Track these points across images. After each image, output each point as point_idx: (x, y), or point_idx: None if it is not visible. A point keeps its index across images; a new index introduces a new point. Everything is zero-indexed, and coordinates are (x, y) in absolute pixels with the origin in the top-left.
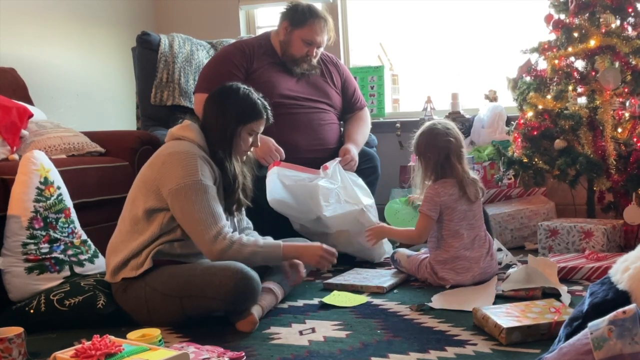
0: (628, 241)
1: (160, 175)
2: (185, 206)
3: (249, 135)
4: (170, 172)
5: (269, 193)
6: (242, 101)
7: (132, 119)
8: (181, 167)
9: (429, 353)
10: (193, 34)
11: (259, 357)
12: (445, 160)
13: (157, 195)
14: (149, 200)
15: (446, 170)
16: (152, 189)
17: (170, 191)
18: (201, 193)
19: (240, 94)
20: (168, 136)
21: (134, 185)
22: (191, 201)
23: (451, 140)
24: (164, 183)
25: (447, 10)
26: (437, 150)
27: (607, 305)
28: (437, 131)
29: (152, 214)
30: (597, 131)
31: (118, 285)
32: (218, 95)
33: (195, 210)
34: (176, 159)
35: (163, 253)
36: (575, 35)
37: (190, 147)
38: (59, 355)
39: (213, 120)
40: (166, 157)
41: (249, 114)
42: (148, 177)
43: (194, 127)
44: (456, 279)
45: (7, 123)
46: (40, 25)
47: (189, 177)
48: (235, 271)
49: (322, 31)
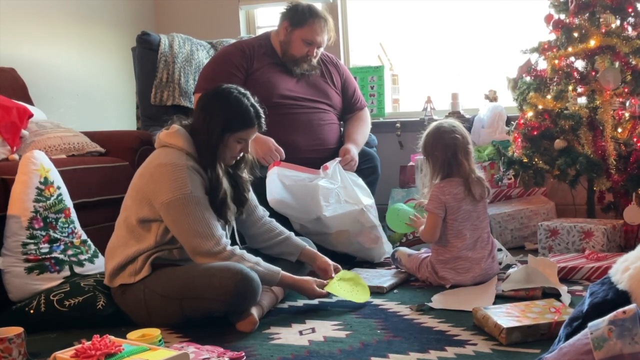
0: (628, 241)
1: (150, 187)
2: (178, 220)
3: (237, 143)
4: (159, 185)
5: (269, 193)
6: (232, 108)
7: (132, 119)
8: (170, 180)
9: (429, 353)
10: (193, 34)
11: (259, 357)
12: (453, 157)
13: (150, 207)
14: (141, 211)
15: (453, 168)
16: (145, 201)
17: (161, 205)
18: (192, 205)
19: (230, 100)
20: (157, 142)
21: (128, 192)
22: (184, 214)
23: (457, 137)
24: (155, 196)
25: (447, 10)
26: (443, 148)
27: (607, 305)
28: (444, 129)
29: (146, 223)
30: (597, 131)
31: (116, 288)
32: (207, 99)
33: (190, 223)
34: (165, 172)
35: (162, 259)
36: (575, 35)
37: (177, 157)
38: (59, 355)
39: (199, 124)
40: (154, 169)
41: (237, 122)
42: (140, 188)
43: (182, 132)
44: (456, 279)
45: (7, 123)
46: (40, 25)
47: (179, 191)
48: (235, 272)
49: (322, 31)
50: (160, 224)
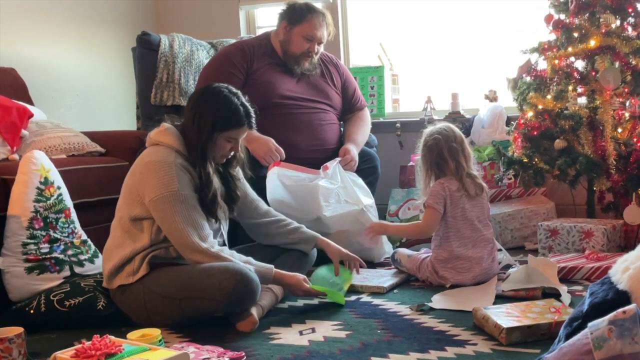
0: (628, 241)
1: (140, 185)
2: (165, 217)
3: (227, 142)
4: (147, 183)
5: (269, 193)
6: (220, 107)
7: (132, 119)
8: (158, 177)
9: (429, 353)
10: (193, 34)
11: (259, 357)
12: (439, 157)
13: (141, 205)
14: (134, 209)
15: (442, 167)
16: (136, 199)
17: (150, 202)
18: (179, 203)
19: (219, 99)
20: (147, 141)
21: (121, 192)
22: (171, 212)
23: (438, 137)
24: (144, 193)
25: (447, 10)
26: (428, 150)
27: (607, 305)
28: (427, 132)
29: (139, 221)
30: (597, 131)
31: (116, 289)
32: (197, 98)
33: (176, 221)
34: (152, 169)
35: (159, 257)
36: (575, 35)
37: (166, 155)
38: (59, 355)
39: (189, 123)
40: (143, 167)
41: (226, 121)
42: (131, 186)
43: (172, 130)
44: (457, 279)
45: (7, 123)
46: (40, 25)
47: (166, 188)
48: (234, 273)
49: (322, 25)
50: (153, 222)
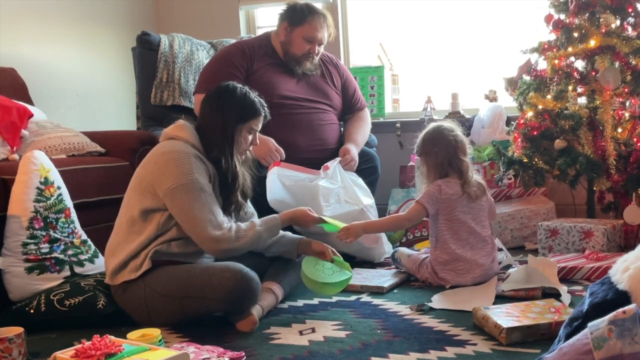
0: (628, 241)
1: (154, 175)
2: (184, 205)
3: (248, 134)
4: (165, 172)
5: (269, 193)
6: (241, 100)
7: (132, 119)
8: (176, 166)
9: (429, 353)
10: (193, 34)
11: (259, 357)
12: (454, 155)
13: (153, 196)
14: (145, 201)
15: (453, 166)
16: (148, 190)
17: (166, 191)
18: (197, 191)
19: (237, 93)
20: (162, 136)
21: (130, 186)
22: (189, 200)
23: (459, 136)
24: (159, 183)
25: (447, 10)
26: (445, 146)
27: (607, 305)
28: (444, 128)
29: (149, 214)
30: (597, 131)
31: (117, 286)
32: (216, 95)
33: (195, 209)
34: (170, 159)
35: (161, 253)
36: (575, 35)
37: (183, 146)
38: (59, 355)
39: (212, 121)
40: (159, 157)
41: (248, 111)
42: (143, 178)
43: (188, 127)
44: (456, 280)
45: (7, 123)
46: (40, 25)
47: (185, 177)
48: (234, 272)
49: (322, 27)
50: (163, 213)
